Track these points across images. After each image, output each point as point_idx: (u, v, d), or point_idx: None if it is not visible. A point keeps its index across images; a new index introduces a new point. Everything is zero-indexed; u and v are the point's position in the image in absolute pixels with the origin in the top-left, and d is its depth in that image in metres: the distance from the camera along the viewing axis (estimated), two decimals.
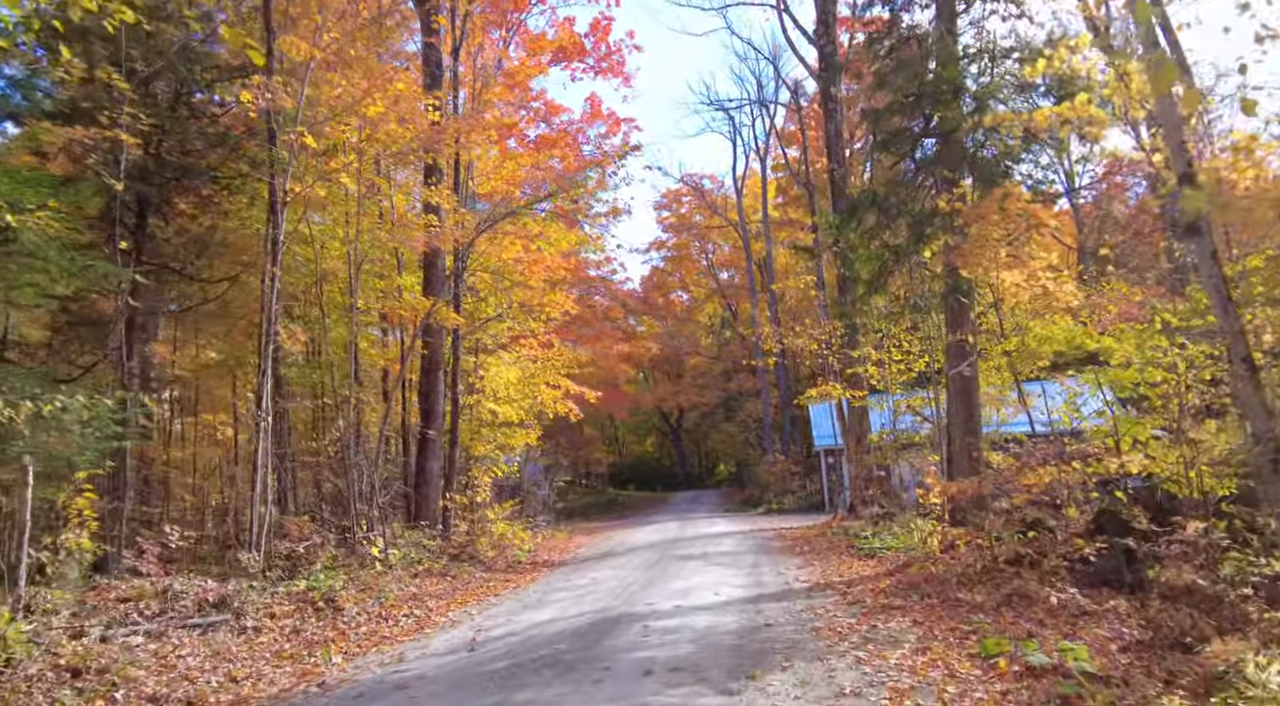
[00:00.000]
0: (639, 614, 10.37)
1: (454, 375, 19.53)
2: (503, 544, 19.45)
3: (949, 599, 10.42)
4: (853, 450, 23.56)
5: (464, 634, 10.34)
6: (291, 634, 10.86)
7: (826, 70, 24.40)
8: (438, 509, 18.74)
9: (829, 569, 13.89)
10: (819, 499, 33.61)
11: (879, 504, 22.91)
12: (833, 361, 23.62)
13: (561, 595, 12.92)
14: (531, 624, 10.49)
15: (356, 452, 15.91)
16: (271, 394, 17.14)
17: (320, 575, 12.75)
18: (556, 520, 32.70)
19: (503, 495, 26.62)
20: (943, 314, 19.79)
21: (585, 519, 37.84)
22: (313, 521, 15.16)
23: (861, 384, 23.22)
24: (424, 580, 14.77)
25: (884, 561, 14.25)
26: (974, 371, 14.34)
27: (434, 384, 19.37)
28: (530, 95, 33.46)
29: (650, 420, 65.83)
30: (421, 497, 18.91)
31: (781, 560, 15.40)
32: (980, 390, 15.07)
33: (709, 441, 61.05)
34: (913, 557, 13.62)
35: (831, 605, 10.43)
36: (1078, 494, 12.37)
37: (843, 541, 17.43)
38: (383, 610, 12.17)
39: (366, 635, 10.77)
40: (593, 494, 47.84)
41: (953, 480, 12.76)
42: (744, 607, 10.49)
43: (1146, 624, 8.80)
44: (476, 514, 19.75)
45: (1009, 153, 12.07)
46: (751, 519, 28.71)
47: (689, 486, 62.04)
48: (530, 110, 32.76)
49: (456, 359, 19.54)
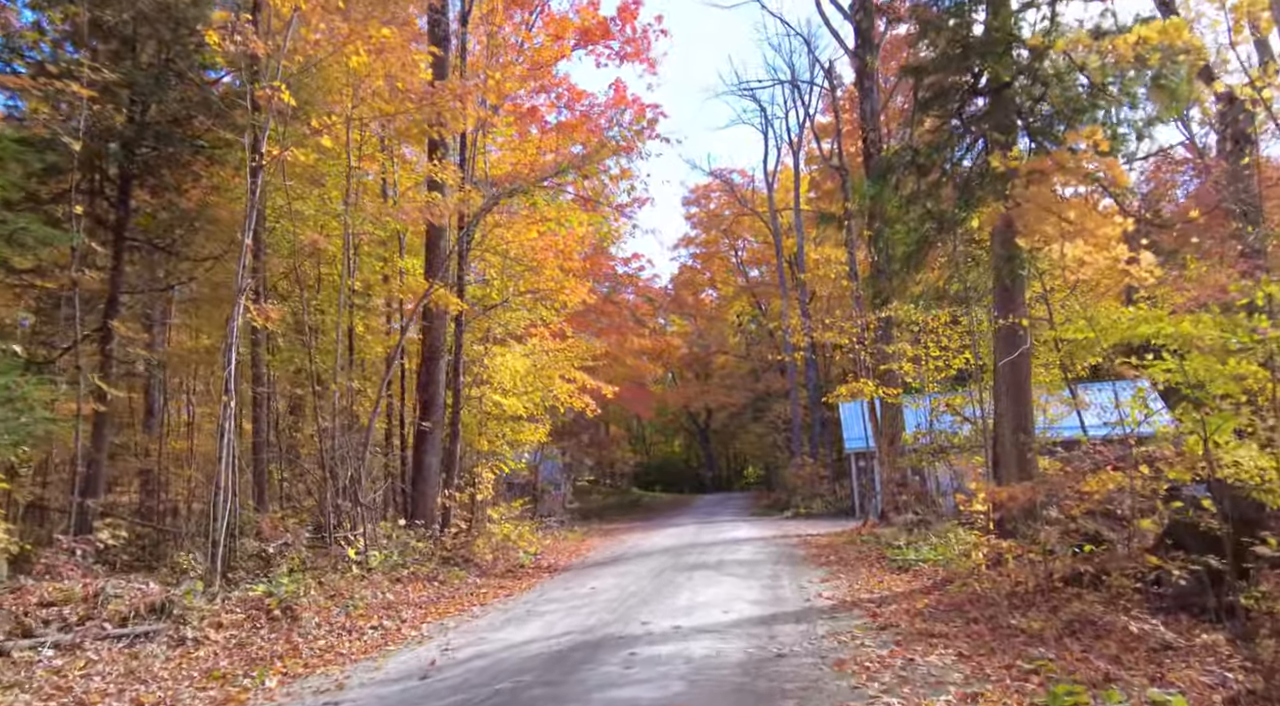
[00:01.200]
0: (630, 637, 8.71)
1: (456, 364, 18.01)
2: (505, 546, 17.89)
3: (1000, 625, 8.64)
4: (885, 452, 21.71)
5: (427, 654, 8.75)
6: (235, 648, 9.35)
7: (863, 48, 22.60)
8: (436, 507, 17.21)
9: (857, 583, 12.13)
10: (849, 504, 31.80)
11: (913, 510, 21.05)
12: (865, 357, 21.79)
13: (552, 607, 11.30)
14: (506, 644, 8.87)
15: (340, 444, 14.42)
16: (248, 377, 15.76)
17: (283, 579, 11.23)
18: (573, 521, 31.18)
19: (515, 494, 25.12)
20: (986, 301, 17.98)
21: (605, 520, 36.24)
22: (288, 518, 13.67)
23: (896, 381, 21.38)
24: (406, 586, 13.22)
25: (920, 576, 12.46)
26: (1026, 363, 12.53)
27: (434, 373, 17.85)
28: (554, 80, 32.01)
29: (678, 420, 64.11)
30: (419, 495, 17.40)
31: (804, 571, 13.66)
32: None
33: (737, 443, 59.21)
34: (953, 572, 11.82)
35: (859, 630, 8.70)
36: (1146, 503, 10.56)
37: (873, 551, 15.64)
38: (348, 621, 10.62)
39: (320, 651, 9.23)
40: (616, 494, 46.24)
41: (1001, 485, 10.96)
42: (755, 631, 8.79)
43: (1255, 666, 6.98)
44: (477, 513, 18.22)
45: (1074, 101, 10.24)
46: (777, 524, 26.93)
47: (716, 489, 60.25)
48: (552, 94, 31.25)
49: (459, 347, 18.02)
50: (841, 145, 27.14)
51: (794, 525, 25.85)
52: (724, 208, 49.53)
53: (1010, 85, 11.51)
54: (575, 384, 23.94)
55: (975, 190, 10.19)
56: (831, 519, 28.98)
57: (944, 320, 20.52)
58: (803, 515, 31.39)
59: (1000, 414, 12.58)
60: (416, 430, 17.81)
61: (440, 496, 17.23)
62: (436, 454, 17.67)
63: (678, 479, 61.53)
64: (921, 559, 13.44)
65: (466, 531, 17.31)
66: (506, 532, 17.93)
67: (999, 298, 12.24)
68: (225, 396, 11.76)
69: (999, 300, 12.23)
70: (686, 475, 62.64)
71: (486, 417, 19.29)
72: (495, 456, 19.88)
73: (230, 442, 11.83)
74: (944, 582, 11.50)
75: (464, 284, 18.10)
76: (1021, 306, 12.45)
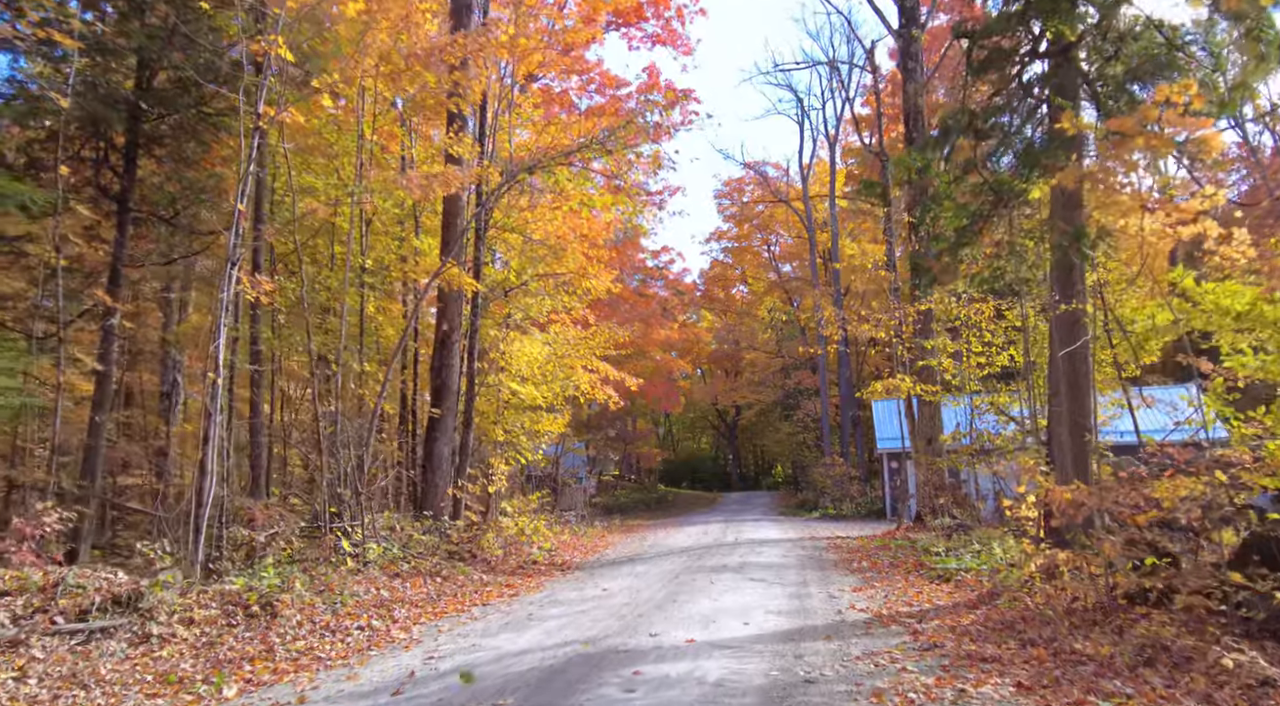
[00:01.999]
0: (637, 651, 7.61)
1: (470, 349, 17.02)
2: (518, 541, 16.88)
3: (1061, 649, 7.45)
4: (921, 452, 20.41)
5: (408, 662, 7.72)
6: (204, 647, 8.40)
7: (907, 25, 21.27)
8: (446, 498, 16.24)
9: (894, 593, 10.93)
10: (880, 506, 30.50)
11: (950, 514, 19.76)
12: (903, 352, 20.49)
13: (557, 611, 10.23)
14: (497, 655, 7.81)
15: (343, 429, 13.47)
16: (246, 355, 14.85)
17: (267, 571, 10.27)
18: (595, 516, 30.17)
19: (535, 487, 24.13)
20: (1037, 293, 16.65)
21: (628, 515, 35.21)
22: (283, 506, 12.74)
23: (934, 378, 20.07)
24: (406, 582, 12.24)
25: (962, 587, 11.24)
26: (1087, 355, 11.26)
27: (448, 358, 16.87)
28: (586, 64, 30.97)
29: (705, 417, 62.96)
30: (429, 485, 16.44)
31: (834, 578, 12.47)
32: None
33: (764, 441, 57.87)
34: (1001, 584, 10.59)
35: (899, 651, 7.54)
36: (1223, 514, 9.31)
37: (909, 557, 14.41)
38: (334, 619, 9.64)
39: (296, 654, 8.25)
40: (641, 490, 45.15)
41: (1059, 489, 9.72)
42: (779, 648, 7.66)
43: None
44: (491, 506, 17.23)
45: (1151, 61, 8.97)
46: (805, 524, 25.70)
47: (743, 487, 59.03)
48: (583, 78, 30.22)
49: (474, 332, 17.02)
50: (882, 131, 25.81)
51: (822, 526, 24.62)
52: (757, 201, 48.22)
53: (1076, 45, 10.25)
54: (598, 374, 22.89)
55: (1040, 157, 8.95)
56: (862, 521, 27.73)
57: (987, 314, 19.23)
58: (831, 516, 30.14)
59: (1056, 412, 11.31)
60: (429, 417, 16.85)
61: (451, 487, 16.25)
62: (448, 442, 16.70)
63: (704, 476, 60.38)
64: (964, 568, 12.21)
65: (478, 524, 16.33)
66: (521, 527, 16.91)
67: (1058, 282, 10.98)
68: (212, 373, 10.82)
69: (1058, 285, 10.96)
70: (713, 472, 61.46)
71: (503, 406, 18.28)
72: (511, 447, 18.87)
73: (217, 423, 10.89)
74: (991, 596, 10.29)
75: (480, 264, 17.10)
76: (1082, 293, 11.18)
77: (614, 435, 45.11)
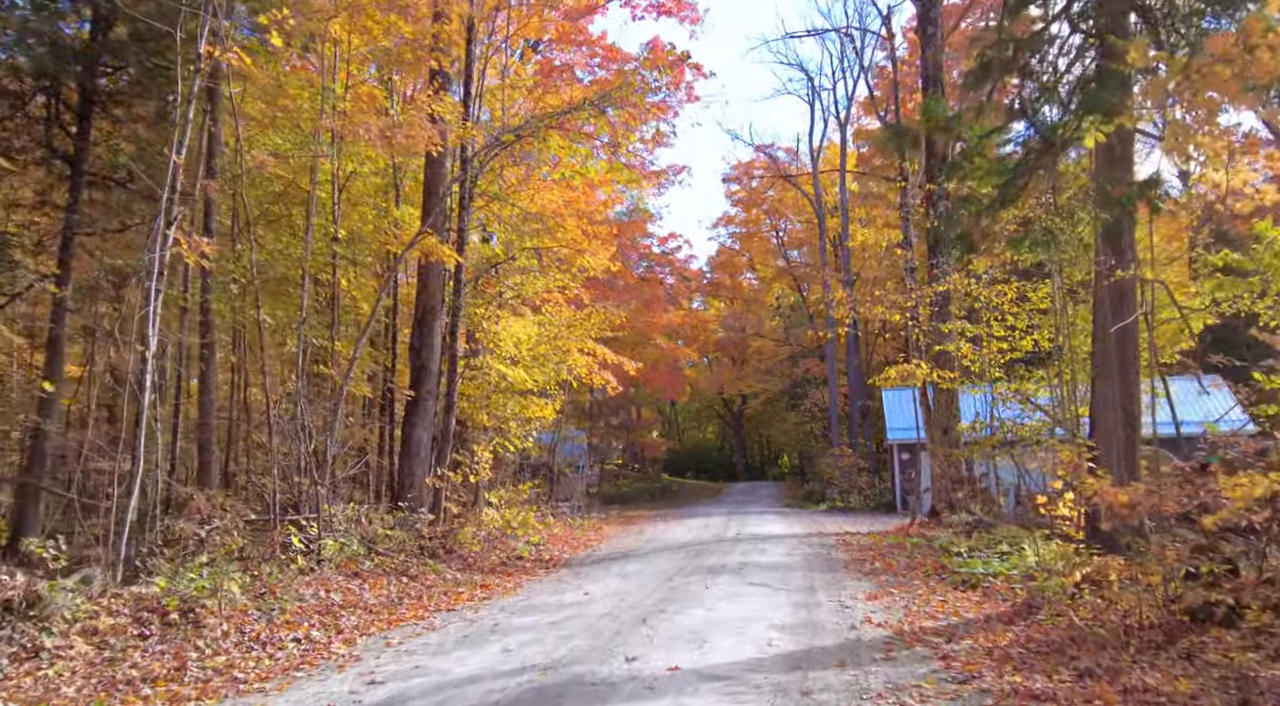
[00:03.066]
0: (606, 682, 6.18)
1: (453, 328, 15.59)
2: (503, 535, 15.49)
3: (1132, 686, 5.97)
4: (937, 443, 18.93)
5: (333, 689, 6.32)
6: (103, 664, 7.02)
7: None
8: (425, 488, 14.84)
9: (914, 603, 9.48)
10: (890, 498, 29.04)
11: (967, 509, 18.28)
12: (919, 336, 18.96)
13: (527, 622, 8.81)
14: (439, 683, 6.39)
15: (304, 411, 12.07)
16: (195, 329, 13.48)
17: (195, 571, 8.87)
18: (594, 506, 28.77)
19: (528, 476, 22.75)
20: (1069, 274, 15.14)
21: (629, 506, 33.84)
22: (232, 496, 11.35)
23: (951, 364, 18.55)
24: (365, 582, 10.85)
25: (991, 595, 9.78)
26: (1136, 333, 9.78)
27: (428, 337, 15.46)
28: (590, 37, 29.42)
29: (711, 406, 61.41)
30: (406, 473, 15.06)
31: (845, 582, 11.02)
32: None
33: (771, 430, 56.38)
34: (1039, 594, 9.13)
35: (929, 683, 6.09)
36: None
37: (928, 558, 12.95)
38: (268, 629, 8.24)
39: (211, 673, 6.85)
40: (645, 480, 43.72)
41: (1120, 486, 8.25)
42: (781, 679, 6.21)
43: None
44: (474, 496, 15.85)
45: None
46: (811, 518, 24.25)
47: (749, 477, 57.55)
48: (586, 50, 28.64)
49: (458, 309, 15.59)
50: (899, 103, 24.20)
51: (830, 520, 23.17)
52: (766, 186, 46.57)
53: None
54: (595, 358, 21.44)
55: (1101, 99, 7.43)
56: (871, 514, 26.29)
57: (1010, 296, 17.69)
58: (839, 509, 28.70)
59: (1104, 397, 9.83)
60: (407, 400, 15.46)
61: (430, 476, 14.84)
62: (428, 428, 15.30)
63: (709, 466, 58.89)
64: (991, 572, 10.72)
65: (458, 516, 14.95)
66: (506, 519, 15.51)
67: (1107, 246, 9.47)
68: (140, 346, 9.44)
69: (1108, 249, 9.46)
70: (719, 462, 59.96)
71: (491, 390, 16.86)
72: (499, 433, 17.46)
73: (147, 403, 9.50)
74: (1028, 608, 8.82)
75: (465, 236, 15.65)
76: (1134, 259, 9.68)
77: (617, 424, 43.67)
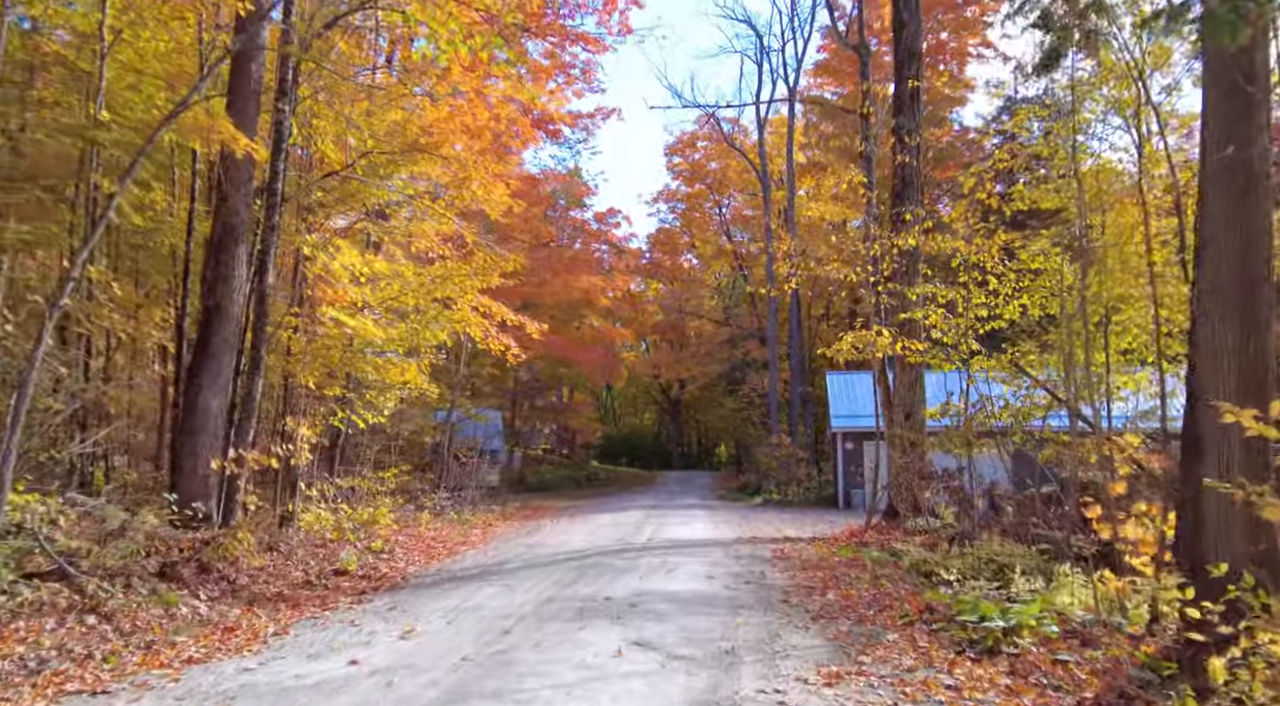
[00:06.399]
0: None
1: (264, 256, 10.98)
2: (329, 540, 10.98)
3: None
4: (900, 428, 14.88)
5: None
6: None
7: None
8: (212, 475, 10.24)
9: (906, 693, 5.23)
10: (830, 492, 25.10)
11: (933, 513, 14.27)
12: (880, 297, 14.82)
13: None
14: None
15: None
16: None
17: None
18: (499, 496, 24.29)
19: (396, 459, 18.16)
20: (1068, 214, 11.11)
21: (550, 495, 29.45)
22: None
23: (918, 333, 14.46)
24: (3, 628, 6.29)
25: (1028, 671, 5.61)
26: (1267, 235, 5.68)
27: (225, 267, 10.81)
28: None
29: (649, 392, 57.18)
30: (187, 454, 10.38)
31: (787, 639, 6.74)
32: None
33: (708, 417, 52.35)
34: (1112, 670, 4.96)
35: None
36: None
37: (902, 586, 8.79)
38: None
39: None
40: (572, 466, 39.23)
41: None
42: None
43: None
44: (293, 487, 11.30)
45: None
46: (745, 514, 20.10)
47: (685, 466, 53.49)
48: None
49: (272, 231, 10.98)
50: (863, 24, 20.03)
51: (766, 517, 19.04)
52: (710, 159, 42.34)
53: None
54: (493, 319, 16.95)
55: None
56: (811, 510, 22.34)
57: (994, 252, 13.66)
58: (776, 502, 24.65)
59: (1213, 350, 5.69)
60: (193, 351, 10.83)
61: (220, 459, 10.22)
62: (221, 392, 10.66)
63: (645, 454, 54.63)
64: (1011, 624, 6.53)
65: (256, 514, 10.39)
66: (324, 522, 10.99)
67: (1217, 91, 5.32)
68: None
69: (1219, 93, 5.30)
70: (655, 450, 55.72)
71: (328, 347, 12.26)
72: (342, 403, 12.87)
73: None
74: None
75: (285, 130, 11.03)
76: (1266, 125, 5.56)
77: (542, 405, 39.10)
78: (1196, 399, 5.96)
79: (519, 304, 27.03)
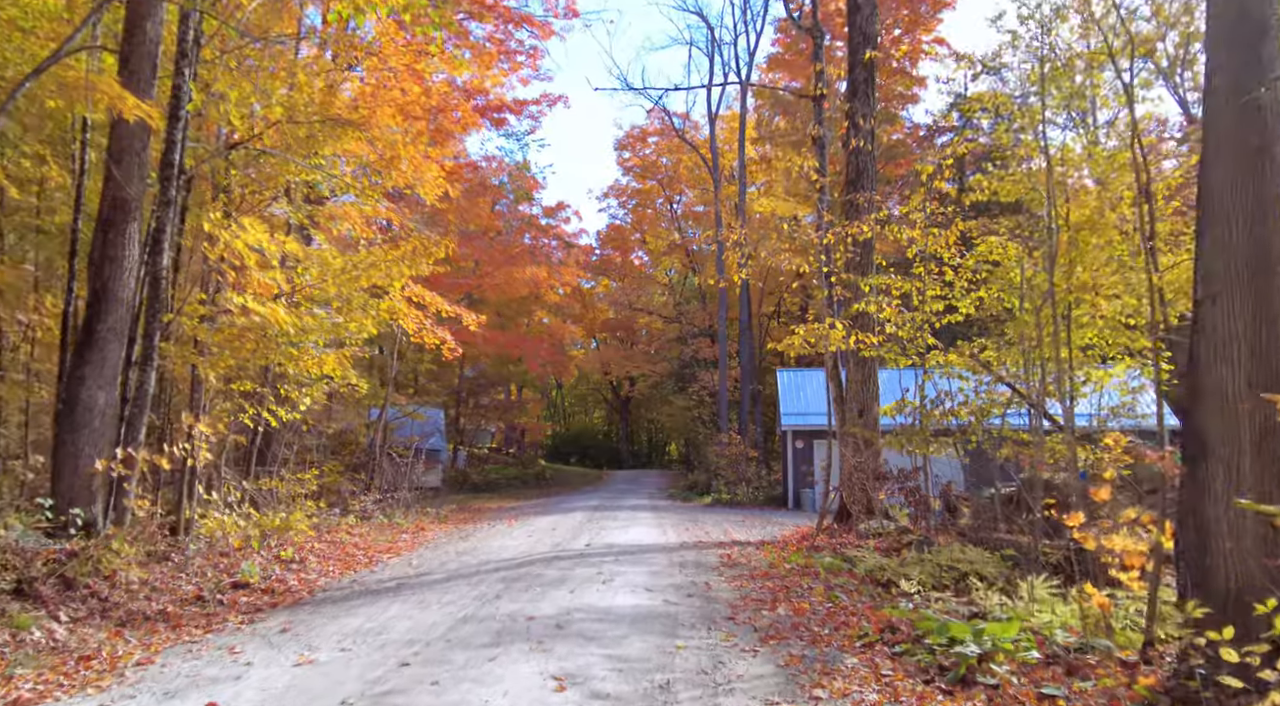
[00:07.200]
0: None
1: (159, 235, 9.77)
2: (231, 549, 9.80)
3: None
4: (853, 425, 14.15)
5: None
6: None
7: None
8: (97, 477, 9.03)
9: None
10: (780, 491, 24.49)
11: (885, 516, 13.54)
12: (835, 288, 14.08)
13: None
14: None
15: None
16: None
17: None
18: (438, 496, 23.18)
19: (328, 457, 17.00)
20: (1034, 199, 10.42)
21: (494, 495, 28.40)
22: None
23: (873, 327, 13.76)
24: None
25: (1005, 699, 4.80)
26: None
27: (115, 247, 9.59)
28: None
29: (599, 390, 56.21)
30: (67, 454, 9.14)
31: (730, 664, 5.85)
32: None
33: (658, 415, 51.54)
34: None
35: None
36: None
37: (858, 598, 7.98)
38: None
39: None
40: (519, 465, 38.09)
41: None
42: None
43: None
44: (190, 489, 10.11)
45: None
46: (692, 515, 19.27)
47: (635, 465, 52.65)
48: None
49: (168, 207, 9.77)
50: (816, 5, 19.30)
51: (714, 518, 18.22)
52: (661, 154, 41.47)
53: None
54: (427, 311, 15.86)
55: None
56: (760, 510, 21.67)
57: (951, 241, 13.02)
58: (724, 502, 23.93)
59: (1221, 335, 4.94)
60: (77, 339, 9.59)
61: (106, 460, 9.02)
62: (109, 386, 9.43)
63: (595, 453, 53.64)
64: (984, 648, 5.71)
65: (145, 520, 9.20)
66: (230, 529, 9.81)
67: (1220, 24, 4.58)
68: None
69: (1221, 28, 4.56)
70: (604, 449, 54.75)
71: (236, 336, 11.06)
72: (250, 399, 11.67)
73: None
74: None
75: (183, 95, 9.84)
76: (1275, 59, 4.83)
77: (488, 403, 37.91)
78: (1198, 395, 5.20)
79: (461, 298, 25.92)
